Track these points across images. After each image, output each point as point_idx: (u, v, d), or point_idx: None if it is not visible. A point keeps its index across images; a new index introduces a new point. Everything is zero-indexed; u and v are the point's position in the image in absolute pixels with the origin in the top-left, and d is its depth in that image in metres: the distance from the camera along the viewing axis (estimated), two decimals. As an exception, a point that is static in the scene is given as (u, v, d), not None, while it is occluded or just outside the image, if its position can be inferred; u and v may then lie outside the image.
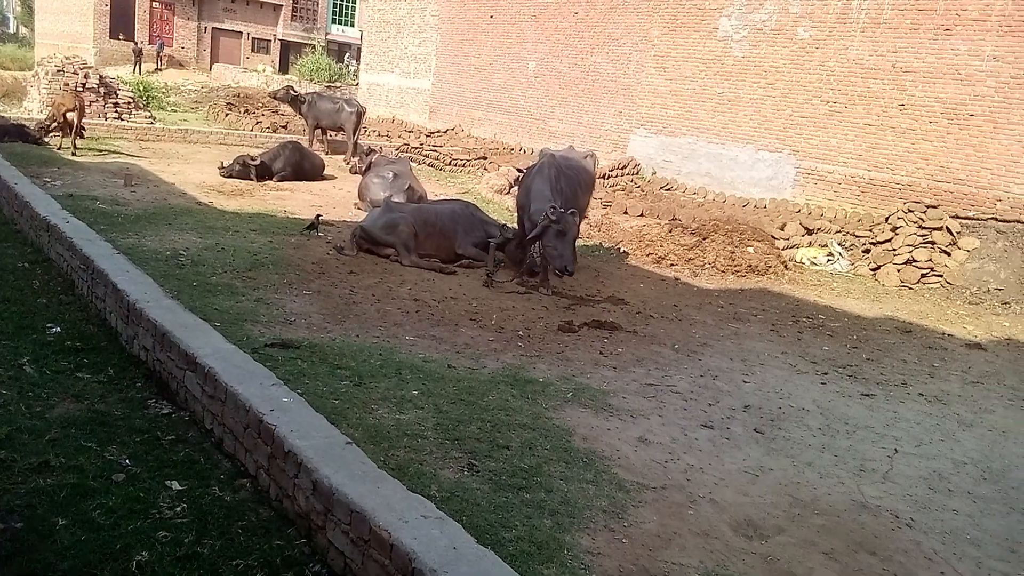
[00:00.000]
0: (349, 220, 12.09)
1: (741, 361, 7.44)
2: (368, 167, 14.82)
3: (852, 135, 16.08)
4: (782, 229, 13.01)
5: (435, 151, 20.39)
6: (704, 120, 18.71)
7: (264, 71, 39.63)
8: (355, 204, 13.40)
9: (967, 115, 14.52)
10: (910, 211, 11.88)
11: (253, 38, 44.16)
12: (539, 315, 8.28)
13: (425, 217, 10.11)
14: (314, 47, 35.97)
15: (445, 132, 25.03)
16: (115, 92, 19.12)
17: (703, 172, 18.64)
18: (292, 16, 44.98)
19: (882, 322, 9.47)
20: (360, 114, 19.30)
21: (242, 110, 26.90)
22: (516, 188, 15.95)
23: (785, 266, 11.32)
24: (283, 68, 42.51)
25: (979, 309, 10.44)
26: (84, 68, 18.80)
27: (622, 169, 19.55)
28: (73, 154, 14.89)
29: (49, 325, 5.92)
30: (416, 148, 20.83)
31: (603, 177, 19.02)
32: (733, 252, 11.03)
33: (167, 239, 9.21)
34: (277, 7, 44.30)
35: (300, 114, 19.84)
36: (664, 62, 19.53)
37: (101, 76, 19.08)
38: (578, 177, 9.63)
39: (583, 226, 11.13)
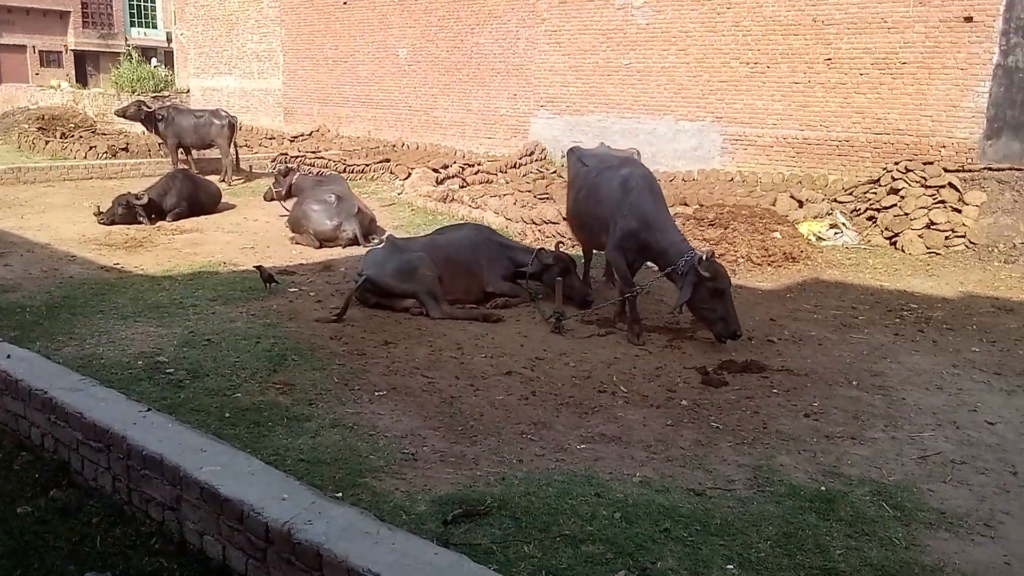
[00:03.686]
0: (306, 262, 9.44)
1: (937, 389, 5.87)
2: (289, 190, 12.04)
3: (779, 95, 15.05)
4: (773, 205, 11.67)
5: (321, 158, 17.50)
6: (613, 95, 17.12)
7: (60, 86, 33.88)
8: (291, 239, 10.63)
9: (899, 64, 13.81)
10: (909, 170, 10.88)
11: (40, 51, 37.41)
12: (655, 365, 6.32)
13: (444, 253, 7.74)
14: (120, 54, 30.79)
15: (310, 135, 21.98)
16: (-87, 131, 14.71)
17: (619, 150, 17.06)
18: (84, 23, 38.62)
19: (972, 302, 8.27)
20: (233, 125, 16.10)
21: (58, 134, 22.30)
22: (452, 193, 13.63)
23: (811, 247, 9.96)
24: (81, 80, 36.52)
25: (1024, 269, 9.58)
26: None
27: (529, 156, 17.63)
28: None
29: (90, 577, 3.27)
30: (297, 157, 17.82)
31: (514, 167, 17.12)
32: (763, 240, 9.52)
33: (119, 337, 6.32)
34: (64, 14, 37.73)
35: (156, 133, 16.28)
36: (558, 37, 17.71)
37: None
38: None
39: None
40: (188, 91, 26.29)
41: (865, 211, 11.18)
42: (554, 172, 16.79)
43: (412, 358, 6.23)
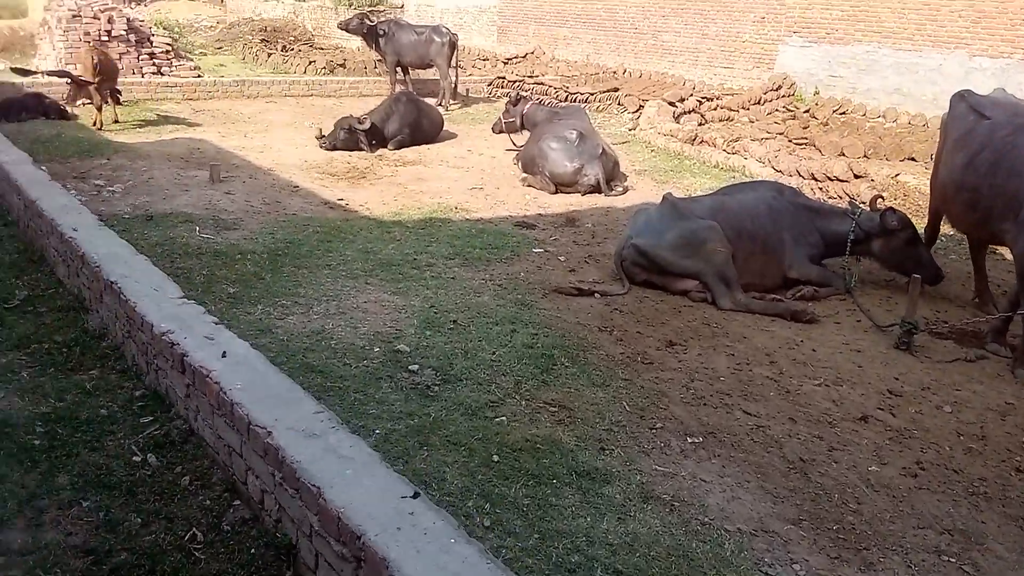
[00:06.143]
0: (544, 212, 7.91)
1: None
2: (520, 122, 10.51)
3: None
4: None
5: (541, 84, 15.85)
6: (888, 21, 14.11)
7: (282, -1, 34.14)
8: (523, 180, 9.13)
9: None
10: None
11: (265, -39, 38.04)
12: (1073, 422, 4.27)
13: (737, 223, 5.88)
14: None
15: (524, 57, 20.33)
16: (148, 39, 14.48)
17: (891, 88, 14.14)
18: (306, -66, 38.57)
19: None
20: (454, 44, 14.68)
21: (279, 47, 22.10)
22: (701, 134, 11.52)
23: None
24: (301, -8, 36.71)
25: None
26: (107, 10, 14.02)
27: (776, 91, 15.05)
28: (116, 120, 10.73)
29: None
30: (516, 82, 16.29)
31: (758, 103, 14.67)
32: None
33: (350, 306, 5.07)
34: (287, -75, 37.76)
35: (376, 49, 15.16)
36: (826, -51, 14.78)
37: (128, 20, 14.36)
38: None
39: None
40: (402, 6, 25.31)
41: None
42: (806, 111, 14.21)
43: (714, 373, 4.54)
